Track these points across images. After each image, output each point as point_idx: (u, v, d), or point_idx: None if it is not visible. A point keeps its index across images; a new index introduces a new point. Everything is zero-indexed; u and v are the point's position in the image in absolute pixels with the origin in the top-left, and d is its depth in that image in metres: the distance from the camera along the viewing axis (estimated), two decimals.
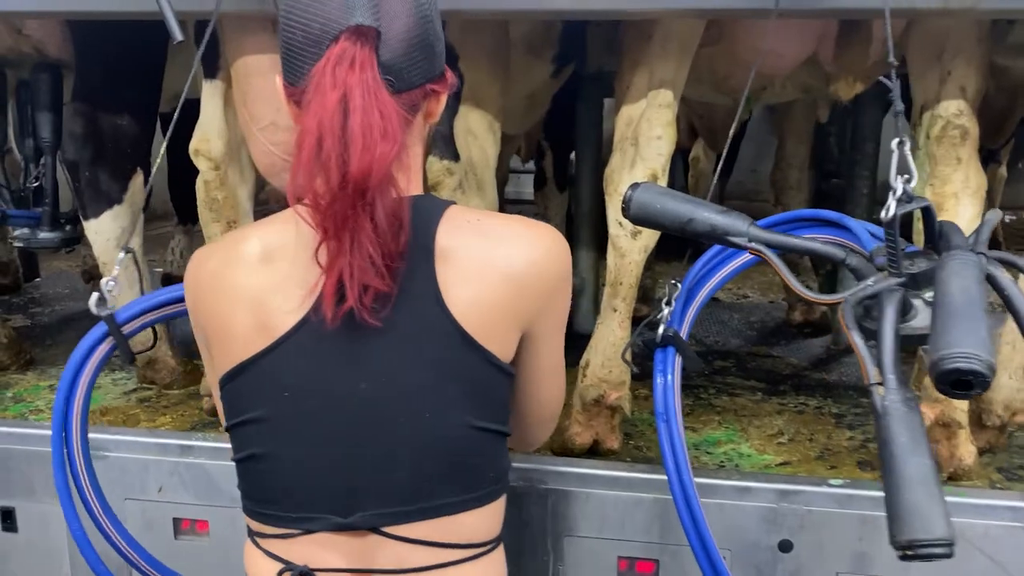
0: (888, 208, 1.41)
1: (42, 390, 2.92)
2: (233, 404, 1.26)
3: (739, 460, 2.38)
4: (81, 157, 2.57)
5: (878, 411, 1.29)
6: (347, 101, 1.09)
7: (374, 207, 1.11)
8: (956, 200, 2.18)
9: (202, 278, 1.29)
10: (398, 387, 1.19)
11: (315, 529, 1.22)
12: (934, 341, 1.22)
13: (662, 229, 1.72)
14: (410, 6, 1.17)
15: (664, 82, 2.33)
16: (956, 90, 2.20)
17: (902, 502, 1.20)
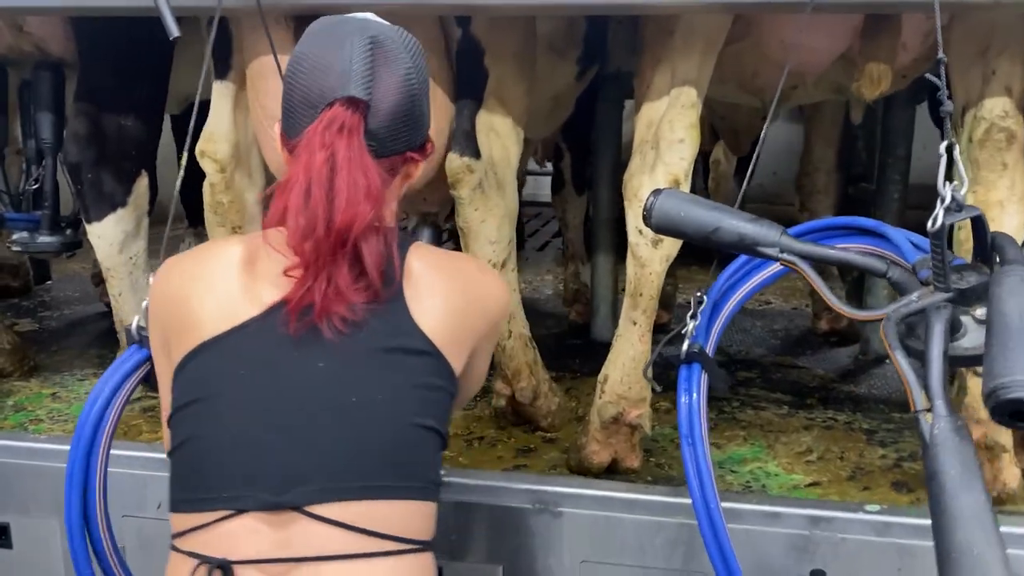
0: (936, 217, 1.29)
1: (44, 398, 2.84)
2: (185, 387, 1.32)
3: (766, 480, 2.26)
4: (84, 159, 2.49)
5: (926, 441, 1.18)
6: (334, 160, 1.26)
7: (358, 251, 1.28)
8: (1001, 208, 2.05)
9: (172, 278, 1.41)
10: (352, 374, 1.29)
11: (246, 508, 1.24)
12: (989, 367, 1.11)
13: (686, 238, 1.62)
14: (401, 84, 1.33)
15: (687, 81, 2.21)
16: (1001, 89, 2.06)
17: (955, 543, 1.09)
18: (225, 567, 1.23)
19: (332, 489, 1.25)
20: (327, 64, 1.31)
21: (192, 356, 1.31)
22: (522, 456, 2.42)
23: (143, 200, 2.60)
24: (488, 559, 1.97)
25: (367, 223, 1.26)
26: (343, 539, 1.24)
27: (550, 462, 2.37)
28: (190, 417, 1.31)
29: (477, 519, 1.95)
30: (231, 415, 1.28)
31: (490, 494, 1.96)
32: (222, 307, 1.31)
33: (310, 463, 1.26)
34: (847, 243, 1.73)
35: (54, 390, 2.91)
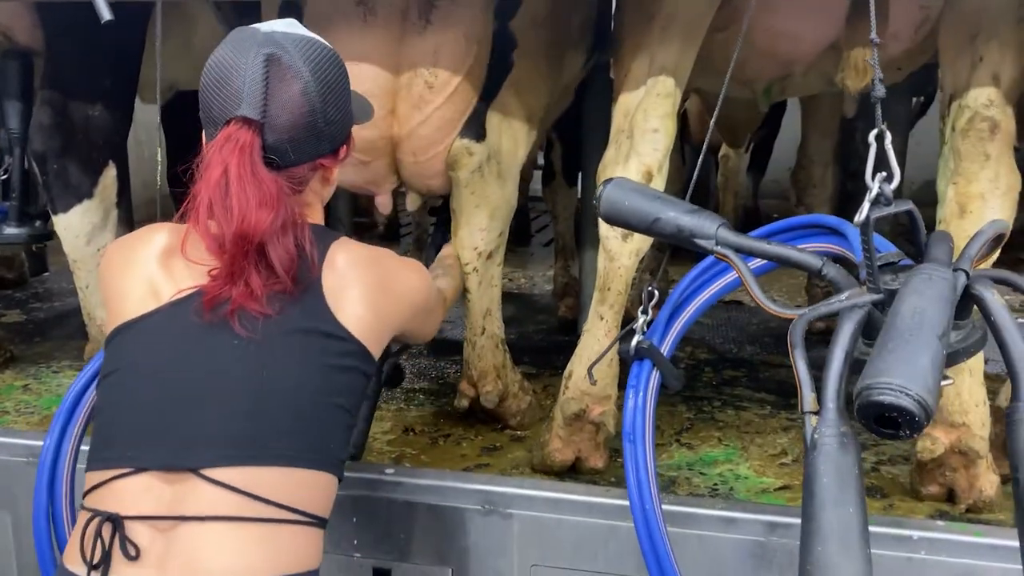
0: (861, 211, 1.21)
1: (15, 391, 2.82)
2: (109, 358, 1.43)
3: (735, 483, 2.18)
4: (49, 149, 2.45)
5: (806, 444, 1.11)
6: (227, 176, 1.35)
7: (264, 255, 1.35)
8: (983, 201, 1.95)
9: (112, 257, 1.52)
10: (265, 348, 1.35)
11: (145, 466, 1.31)
12: (867, 367, 1.03)
13: (630, 228, 1.55)
14: (297, 100, 1.41)
15: (665, 69, 2.13)
16: (988, 77, 1.96)
17: (813, 555, 1.02)
18: (115, 520, 1.28)
19: (227, 455, 1.31)
20: (227, 80, 1.40)
21: (116, 333, 1.42)
22: (487, 455, 2.35)
23: (110, 192, 2.56)
24: (437, 561, 1.91)
25: (266, 229, 1.34)
26: (231, 501, 1.29)
27: (514, 461, 2.30)
28: (105, 387, 1.42)
29: (426, 520, 1.89)
30: (139, 384, 1.37)
31: (439, 494, 1.90)
32: (143, 290, 1.41)
33: (209, 429, 1.33)
34: (812, 242, 1.66)
35: (27, 382, 2.89)
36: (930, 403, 1.03)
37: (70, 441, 1.74)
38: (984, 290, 1.24)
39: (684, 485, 2.16)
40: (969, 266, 1.26)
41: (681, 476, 2.22)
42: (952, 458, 2.02)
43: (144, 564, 1.27)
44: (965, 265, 1.26)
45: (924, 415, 1.03)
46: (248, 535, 1.29)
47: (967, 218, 1.95)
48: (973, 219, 1.94)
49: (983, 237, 1.30)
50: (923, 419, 1.03)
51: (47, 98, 2.48)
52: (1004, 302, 1.25)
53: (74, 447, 1.74)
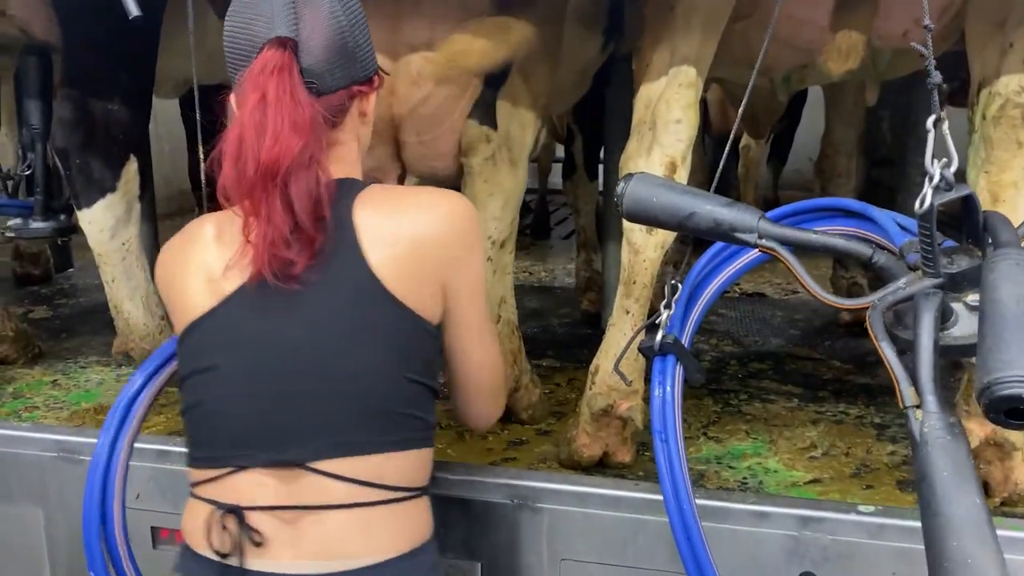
0: (924, 198, 1.19)
1: (44, 386, 2.84)
2: (186, 359, 1.42)
3: (764, 476, 2.16)
4: (71, 144, 2.47)
5: (916, 439, 1.09)
6: (264, 100, 1.29)
7: (286, 189, 1.29)
8: (1016, 190, 1.93)
9: (166, 259, 1.49)
10: (331, 337, 1.34)
11: (249, 464, 1.33)
12: (983, 360, 1.01)
13: (659, 225, 1.53)
14: (327, 20, 1.36)
15: (687, 59, 2.11)
16: (1019, 64, 1.93)
17: (947, 551, 0.99)
18: (237, 512, 1.31)
19: (328, 447, 1.32)
20: (254, 15, 1.35)
21: (187, 333, 1.41)
22: (513, 448, 2.35)
23: (133, 185, 2.57)
24: (466, 555, 1.90)
25: (295, 156, 1.28)
26: (343, 490, 1.32)
27: (540, 455, 2.30)
28: (191, 387, 1.41)
29: (455, 514, 1.89)
30: (227, 384, 1.37)
31: (469, 488, 1.89)
32: (204, 285, 1.38)
33: (305, 424, 1.33)
34: (831, 226, 1.63)
35: (55, 377, 2.91)
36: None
37: (124, 440, 1.70)
38: None
39: (713, 479, 2.15)
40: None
41: (710, 470, 2.21)
42: (987, 451, 2.00)
43: (275, 552, 1.31)
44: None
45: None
46: (368, 518, 1.33)
47: (1000, 207, 1.92)
48: (1006, 208, 1.91)
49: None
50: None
51: (67, 94, 2.49)
52: None
53: (128, 446, 1.71)
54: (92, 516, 1.68)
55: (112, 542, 1.70)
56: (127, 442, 1.70)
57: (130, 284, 2.65)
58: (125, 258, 2.61)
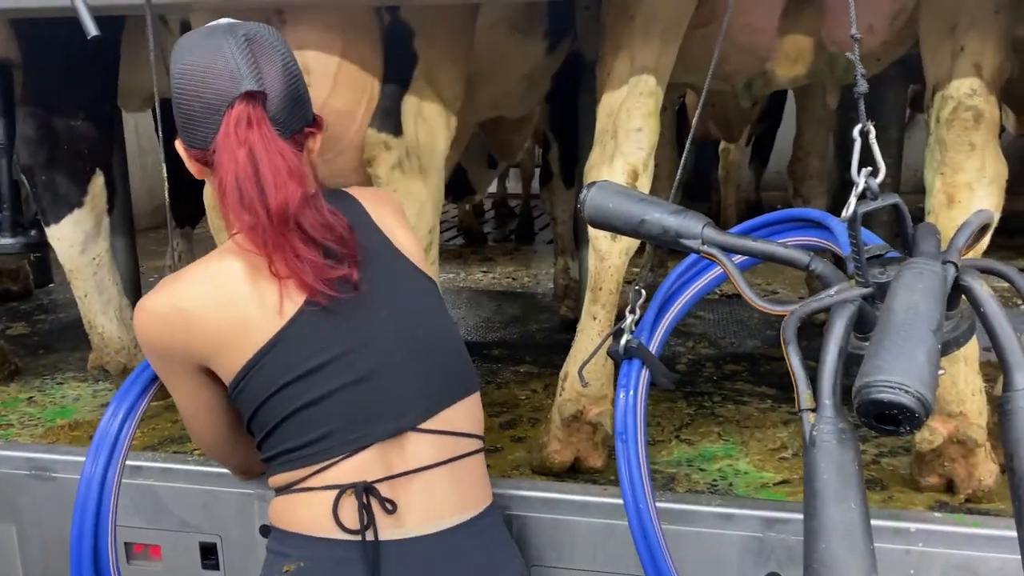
0: (848, 206, 1.21)
1: (20, 403, 2.85)
2: (265, 381, 1.42)
3: (734, 478, 2.18)
4: (36, 161, 2.47)
5: (805, 442, 1.11)
6: (253, 154, 1.37)
7: (300, 227, 1.39)
8: (970, 191, 1.95)
9: (183, 307, 1.43)
10: (404, 312, 1.49)
11: (370, 442, 1.41)
12: (864, 364, 1.03)
13: (617, 232, 1.55)
14: (283, 70, 1.44)
15: (646, 68, 2.14)
16: (970, 67, 1.96)
17: (816, 552, 1.02)
18: (369, 487, 1.40)
19: (428, 406, 1.46)
20: (215, 70, 1.39)
21: (258, 358, 1.42)
22: (487, 456, 2.35)
23: (100, 199, 2.57)
24: None
25: (299, 200, 1.39)
26: (444, 444, 1.46)
27: (514, 462, 2.32)
28: (283, 400, 1.42)
29: None
30: (326, 382, 1.42)
31: None
32: (261, 311, 1.41)
33: (405, 392, 1.45)
34: (796, 236, 1.66)
35: (31, 394, 2.92)
36: (928, 399, 1.03)
37: (116, 466, 1.69)
38: (972, 281, 1.24)
39: (683, 482, 2.17)
40: (957, 258, 1.26)
41: (680, 472, 2.23)
42: (950, 448, 2.03)
43: (399, 519, 1.42)
44: (953, 257, 1.25)
45: (923, 411, 1.03)
46: (464, 471, 1.49)
47: (955, 208, 1.95)
48: (961, 209, 1.94)
49: (969, 228, 1.30)
50: (922, 415, 1.03)
51: (29, 111, 2.49)
52: (992, 292, 1.25)
53: (119, 471, 1.69)
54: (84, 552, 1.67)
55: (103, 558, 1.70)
56: (117, 471, 1.68)
57: (102, 298, 2.66)
58: (96, 272, 2.62)
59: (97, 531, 1.67)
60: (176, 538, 2.06)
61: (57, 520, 2.14)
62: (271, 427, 1.44)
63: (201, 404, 1.54)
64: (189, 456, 2.19)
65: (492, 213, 7.23)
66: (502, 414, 2.69)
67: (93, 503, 1.66)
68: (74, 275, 2.60)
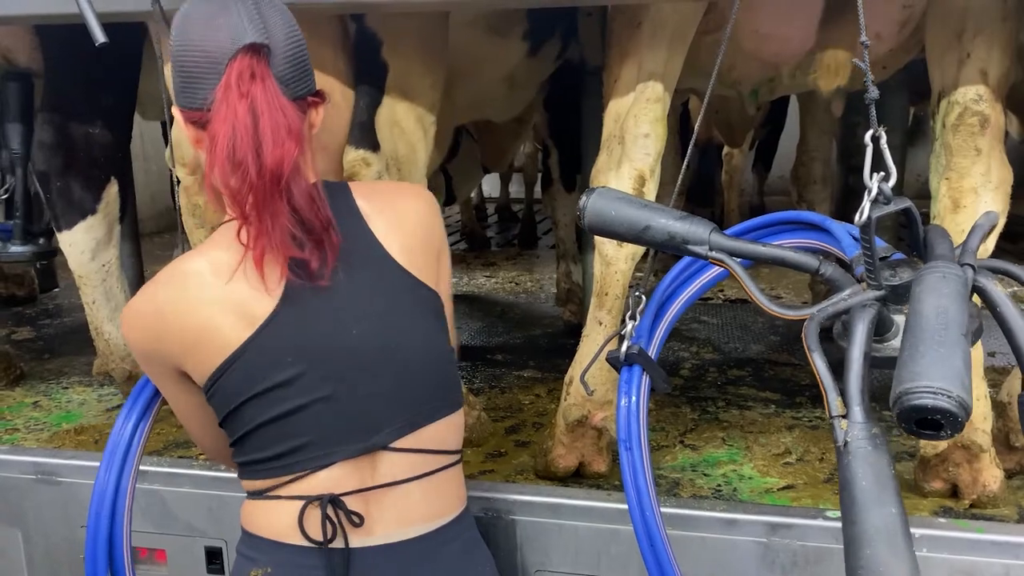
0: (862, 211, 1.21)
1: (25, 407, 2.85)
2: (232, 391, 1.38)
3: (738, 483, 2.18)
4: (51, 167, 2.49)
5: (839, 448, 1.11)
6: (254, 107, 1.28)
7: (290, 193, 1.31)
8: (976, 196, 1.96)
9: (161, 310, 1.39)
10: (385, 324, 1.41)
11: (339, 459, 1.37)
12: (899, 370, 1.03)
13: (619, 238, 1.55)
14: (290, 27, 1.37)
15: (653, 74, 2.14)
16: (976, 74, 1.97)
17: (861, 559, 1.02)
18: (335, 500, 1.37)
19: (404, 424, 1.41)
20: (217, 25, 1.31)
21: (227, 366, 1.36)
22: (491, 460, 2.37)
23: (113, 207, 2.59)
24: None
25: (294, 161, 1.30)
26: (418, 461, 1.42)
27: (518, 467, 2.32)
28: (250, 411, 1.38)
29: None
30: (300, 394, 1.37)
31: None
32: (231, 318, 1.35)
33: (381, 411, 1.39)
34: (792, 238, 1.66)
35: (37, 399, 2.93)
36: (969, 402, 1.03)
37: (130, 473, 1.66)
38: (987, 282, 1.23)
39: (688, 487, 2.17)
40: (974, 260, 1.26)
41: (684, 478, 2.23)
42: (955, 453, 2.03)
43: (367, 528, 1.39)
44: (970, 259, 1.25)
45: (965, 414, 1.02)
46: (438, 483, 1.45)
47: (961, 212, 1.95)
48: (967, 213, 1.94)
49: (981, 230, 1.30)
50: (964, 418, 1.03)
51: (48, 118, 2.51)
52: (1007, 292, 1.25)
53: (133, 477, 1.67)
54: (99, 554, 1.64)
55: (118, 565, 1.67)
56: (132, 475, 1.66)
57: (110, 305, 2.67)
58: (105, 280, 2.63)
59: (112, 538, 1.65)
60: (181, 542, 2.06)
61: (63, 525, 2.15)
62: (239, 436, 1.40)
63: (189, 407, 1.50)
64: (194, 461, 2.20)
65: (495, 218, 7.24)
66: (506, 419, 2.69)
67: (107, 509, 1.63)
68: (83, 281, 2.62)
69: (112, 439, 1.65)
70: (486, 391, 2.96)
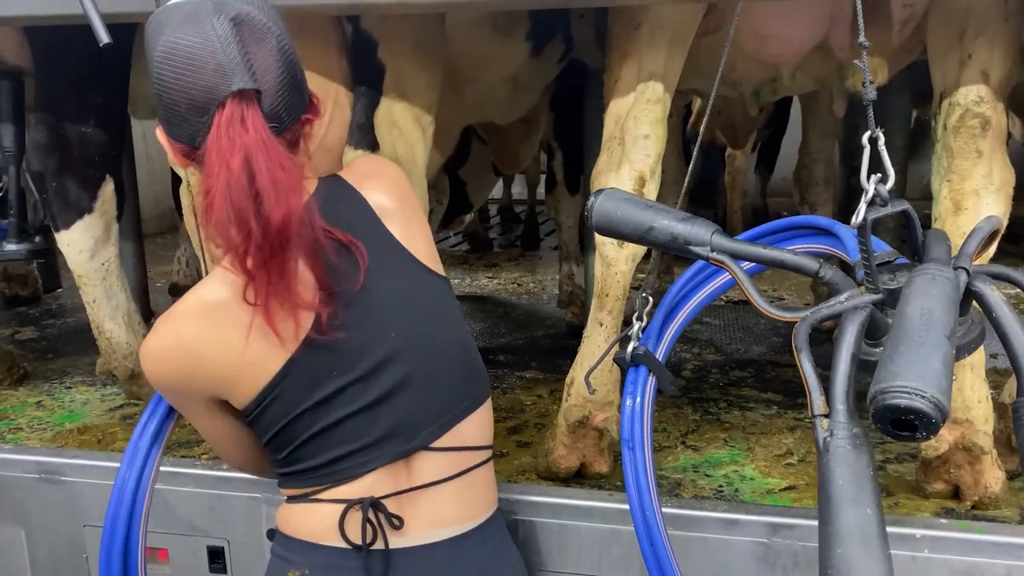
0: (858, 212, 1.22)
1: (29, 407, 2.86)
2: (277, 413, 1.40)
3: (740, 484, 2.18)
4: (47, 167, 2.49)
5: (819, 447, 1.11)
6: (250, 163, 1.24)
7: (298, 247, 1.31)
8: (977, 198, 1.95)
9: (191, 349, 1.37)
10: (415, 324, 1.43)
11: (381, 464, 1.41)
12: (878, 370, 1.03)
13: (624, 239, 1.55)
14: (277, 57, 1.31)
15: (654, 75, 2.14)
16: (977, 75, 1.97)
17: (832, 558, 1.02)
18: (376, 503, 1.40)
19: (442, 424, 1.44)
20: (200, 60, 1.25)
21: (270, 390, 1.38)
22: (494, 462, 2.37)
23: (110, 206, 2.59)
24: None
25: (300, 215, 1.29)
26: (454, 460, 1.46)
27: (520, 467, 2.32)
28: (295, 429, 1.41)
29: None
30: (342, 406, 1.39)
31: None
32: (263, 341, 1.35)
33: (420, 412, 1.43)
34: (802, 243, 1.67)
35: (40, 399, 2.93)
36: (944, 404, 1.03)
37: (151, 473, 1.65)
38: (984, 286, 1.24)
39: (689, 487, 2.17)
40: (969, 263, 1.26)
41: (686, 479, 2.23)
42: (957, 455, 2.02)
43: (404, 530, 1.42)
44: (965, 263, 1.26)
45: (940, 416, 1.03)
46: (471, 482, 1.48)
47: (962, 215, 1.95)
48: (968, 216, 1.94)
49: (980, 234, 1.31)
50: (939, 420, 1.03)
51: (41, 117, 2.51)
52: (1004, 297, 1.26)
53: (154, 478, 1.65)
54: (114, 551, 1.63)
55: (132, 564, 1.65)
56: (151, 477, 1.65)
57: (111, 304, 2.68)
58: (105, 278, 2.64)
59: (128, 537, 1.63)
60: (184, 541, 2.07)
61: (66, 524, 2.16)
62: (285, 451, 1.43)
63: (222, 431, 1.50)
64: (197, 460, 2.21)
65: (498, 219, 7.25)
66: (508, 419, 2.69)
67: (126, 507, 1.62)
68: (83, 281, 2.62)
69: (134, 437, 1.64)
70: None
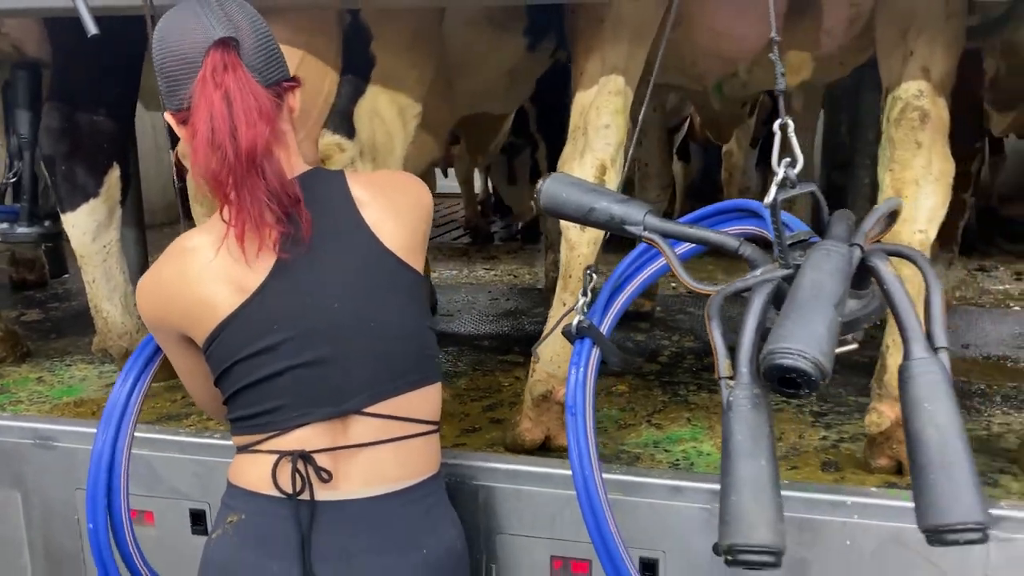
0: (769, 194, 1.34)
1: (30, 382, 3.01)
2: (224, 352, 1.53)
3: (696, 459, 2.29)
4: (57, 152, 2.63)
5: (724, 406, 1.24)
6: (228, 95, 1.42)
7: (263, 170, 1.45)
8: (917, 187, 2.06)
9: (164, 284, 1.56)
10: (363, 299, 1.54)
11: (313, 420, 1.51)
12: (771, 334, 1.15)
13: (569, 220, 1.67)
14: (253, 23, 1.51)
15: (615, 68, 2.25)
16: (918, 70, 2.07)
17: (728, 505, 1.14)
18: (305, 456, 1.51)
19: (377, 393, 1.54)
20: (189, 30, 1.46)
21: (220, 330, 1.51)
22: (465, 435, 2.49)
23: (115, 191, 2.73)
24: None
25: (267, 139, 1.44)
26: (391, 427, 1.55)
27: (490, 441, 2.44)
28: (238, 372, 1.53)
29: None
30: (281, 359, 1.51)
31: None
32: (224, 286, 1.50)
33: (356, 379, 1.53)
34: (739, 226, 1.78)
35: (40, 374, 3.08)
36: (825, 364, 1.15)
37: (126, 436, 1.81)
38: (879, 261, 1.36)
39: (647, 461, 2.28)
40: (863, 241, 1.38)
41: (645, 453, 2.35)
42: (898, 431, 2.12)
43: (334, 484, 1.52)
44: (860, 240, 1.37)
45: (820, 375, 1.15)
46: (409, 448, 1.58)
47: (904, 202, 2.05)
48: (908, 203, 2.05)
49: (876, 214, 1.42)
50: (819, 378, 1.15)
51: (55, 105, 2.66)
52: (896, 272, 1.37)
53: (129, 442, 1.81)
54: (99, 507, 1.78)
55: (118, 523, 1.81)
56: (128, 436, 1.81)
57: (109, 285, 2.82)
58: (106, 260, 2.78)
59: (110, 497, 1.80)
60: (168, 504, 2.20)
61: (59, 487, 2.30)
62: (229, 394, 1.56)
63: (190, 367, 1.66)
64: (181, 429, 2.34)
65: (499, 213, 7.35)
66: (484, 398, 2.81)
67: (104, 471, 1.78)
68: (84, 261, 2.76)
69: (109, 404, 1.79)
70: (469, 373, 3.08)
